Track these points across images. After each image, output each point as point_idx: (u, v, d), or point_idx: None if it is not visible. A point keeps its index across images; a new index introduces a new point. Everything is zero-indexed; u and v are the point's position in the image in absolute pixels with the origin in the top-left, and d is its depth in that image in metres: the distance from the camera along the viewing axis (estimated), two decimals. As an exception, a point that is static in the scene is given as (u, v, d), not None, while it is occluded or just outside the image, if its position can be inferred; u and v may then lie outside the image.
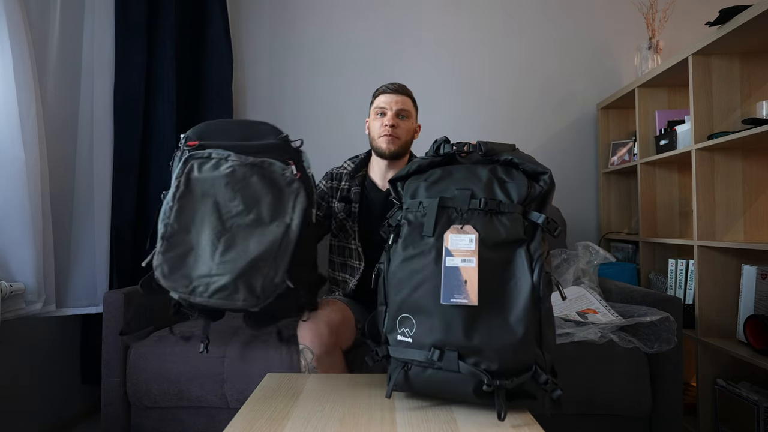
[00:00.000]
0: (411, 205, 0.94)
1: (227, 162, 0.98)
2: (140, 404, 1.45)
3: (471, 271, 0.84)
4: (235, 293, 0.94)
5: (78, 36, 1.73)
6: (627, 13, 2.41)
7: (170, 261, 0.96)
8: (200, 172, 0.98)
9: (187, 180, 0.98)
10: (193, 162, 0.99)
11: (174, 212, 0.97)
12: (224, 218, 0.97)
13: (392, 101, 1.50)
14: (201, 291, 0.95)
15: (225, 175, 0.97)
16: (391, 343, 0.92)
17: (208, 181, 0.97)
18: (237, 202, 0.97)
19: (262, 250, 0.95)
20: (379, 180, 1.56)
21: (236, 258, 0.94)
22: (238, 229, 0.97)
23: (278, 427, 0.80)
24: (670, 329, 1.33)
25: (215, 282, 0.94)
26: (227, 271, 0.94)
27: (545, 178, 0.91)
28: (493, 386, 0.80)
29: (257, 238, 0.96)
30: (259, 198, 0.97)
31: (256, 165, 0.98)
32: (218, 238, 0.96)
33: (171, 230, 0.97)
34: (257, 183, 0.98)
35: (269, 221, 0.98)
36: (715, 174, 1.67)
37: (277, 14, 2.48)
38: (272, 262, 0.96)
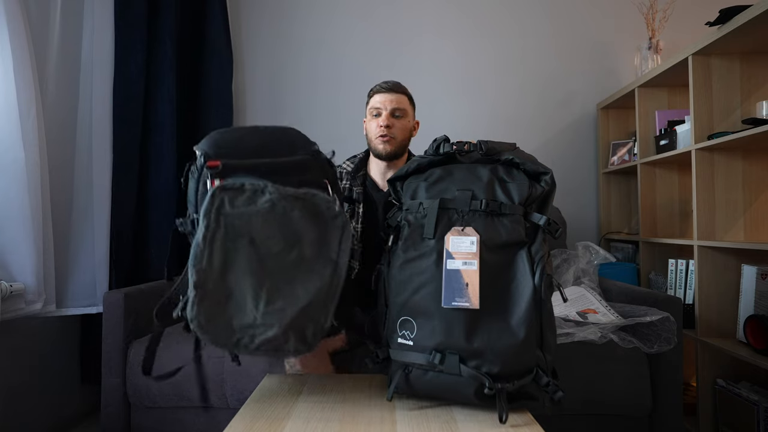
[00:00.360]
0: (411, 206, 0.94)
1: (264, 195, 0.84)
2: (140, 404, 1.45)
3: (472, 274, 0.84)
4: (285, 344, 0.84)
5: (78, 35, 1.73)
6: (627, 13, 2.41)
7: (207, 311, 0.83)
8: (233, 207, 0.84)
9: (217, 217, 0.83)
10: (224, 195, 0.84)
11: (206, 256, 0.83)
12: (263, 258, 0.84)
13: (387, 100, 1.47)
14: (246, 343, 0.84)
15: (263, 210, 0.84)
16: (391, 346, 0.91)
17: (243, 217, 0.84)
18: (277, 240, 0.85)
19: (311, 297, 0.84)
20: (379, 179, 1.54)
21: (284, 307, 0.84)
22: (280, 271, 0.85)
23: (278, 427, 0.80)
24: (670, 329, 1.33)
25: (261, 333, 0.83)
26: (275, 321, 0.83)
27: (546, 178, 0.90)
28: (494, 389, 0.80)
29: (303, 281, 0.85)
30: (301, 234, 0.85)
31: (299, 198, 0.85)
32: (260, 283, 0.84)
33: (205, 277, 0.83)
34: (300, 218, 0.85)
35: (313, 260, 0.86)
36: (715, 174, 1.67)
37: (277, 14, 2.48)
38: (323, 308, 0.86)
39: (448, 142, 0.98)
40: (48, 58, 1.62)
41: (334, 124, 2.45)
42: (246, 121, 2.46)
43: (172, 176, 2.00)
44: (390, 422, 0.82)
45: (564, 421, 1.37)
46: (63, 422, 1.78)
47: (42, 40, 1.60)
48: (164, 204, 1.98)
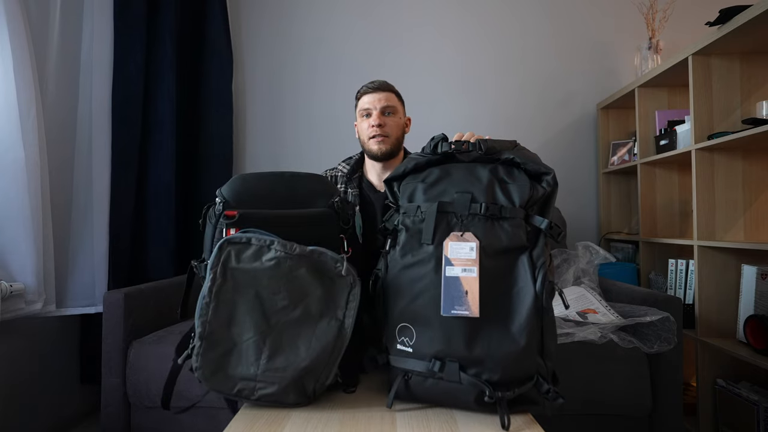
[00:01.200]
0: (408, 209, 0.91)
1: (270, 251, 0.84)
2: (140, 404, 1.45)
3: (472, 281, 0.82)
4: (285, 398, 0.86)
5: (77, 35, 1.73)
6: (627, 13, 2.41)
7: (212, 362, 0.86)
8: (239, 261, 0.85)
9: (224, 271, 0.85)
10: (230, 249, 0.85)
11: (212, 309, 0.85)
12: (268, 313, 0.85)
13: (375, 100, 1.45)
14: (247, 394, 0.86)
15: (268, 268, 0.84)
16: (391, 352, 0.90)
17: (249, 272, 0.85)
18: (282, 297, 0.85)
19: (314, 357, 0.85)
20: (376, 181, 1.52)
21: (285, 366, 0.85)
22: (283, 327, 0.85)
23: (278, 427, 0.80)
24: (670, 329, 1.33)
25: (262, 389, 0.86)
26: (275, 380, 0.85)
27: (548, 179, 0.86)
28: (494, 398, 0.79)
29: (306, 339, 0.85)
30: (307, 292, 0.85)
31: (305, 256, 0.84)
32: (263, 338, 0.85)
33: (210, 328, 0.85)
34: (305, 276, 0.85)
35: (319, 317, 0.86)
36: (715, 174, 1.67)
37: (276, 13, 2.48)
38: (325, 366, 0.86)
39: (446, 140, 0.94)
40: (48, 58, 1.62)
41: (334, 124, 2.45)
42: (246, 120, 2.46)
43: (171, 176, 2.00)
44: (390, 422, 0.82)
45: (564, 421, 1.37)
46: (63, 422, 1.78)
47: (42, 40, 1.60)
48: (164, 204, 1.98)
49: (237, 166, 2.44)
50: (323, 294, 0.86)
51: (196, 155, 2.26)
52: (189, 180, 2.23)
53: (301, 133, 2.45)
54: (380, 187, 1.51)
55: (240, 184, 0.95)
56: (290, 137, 2.45)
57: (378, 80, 1.50)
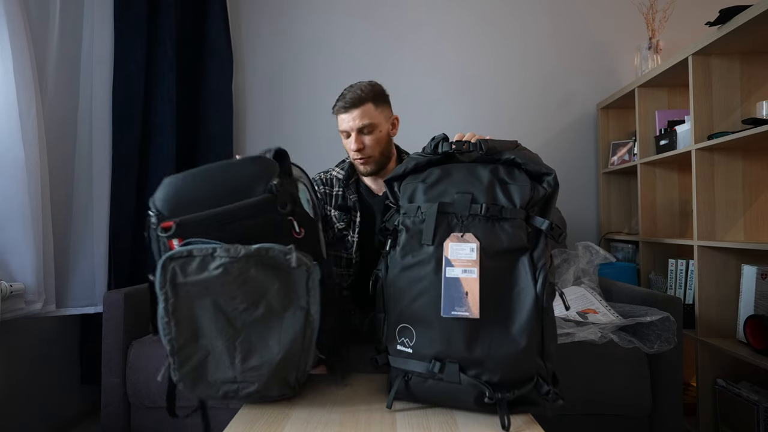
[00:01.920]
0: (409, 209, 0.90)
1: (214, 260, 0.80)
2: (140, 404, 1.45)
3: (472, 282, 0.81)
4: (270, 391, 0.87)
5: (77, 35, 1.73)
6: (627, 13, 2.41)
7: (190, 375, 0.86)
8: (185, 276, 0.81)
9: (173, 288, 0.82)
10: (174, 265, 0.81)
11: (173, 327, 0.84)
12: (231, 318, 0.84)
13: (350, 119, 1.36)
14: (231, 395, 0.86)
15: (216, 276, 0.81)
16: (391, 353, 0.90)
17: (199, 284, 0.82)
18: (240, 300, 0.83)
19: (286, 350, 0.84)
20: (372, 184, 1.49)
21: (260, 364, 0.84)
22: (250, 328, 0.84)
23: (278, 428, 0.80)
24: (670, 329, 1.33)
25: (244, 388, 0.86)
26: (254, 379, 0.85)
27: (549, 179, 0.86)
28: (494, 399, 0.79)
29: (276, 334, 0.84)
30: (264, 290, 0.83)
31: (252, 256, 0.81)
32: (232, 342, 0.84)
33: (177, 345, 0.85)
34: (258, 275, 0.82)
35: (283, 310, 0.84)
36: (715, 174, 1.67)
37: (276, 13, 2.48)
38: (300, 355, 0.86)
39: (447, 140, 0.94)
40: (48, 58, 1.62)
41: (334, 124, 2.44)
42: (246, 121, 2.46)
43: (172, 176, 1.99)
44: (390, 422, 0.82)
45: (564, 421, 1.37)
46: (63, 422, 1.78)
47: (42, 40, 1.60)
48: (164, 204, 1.97)
49: (237, 166, 2.43)
50: (281, 287, 0.84)
51: (196, 155, 2.26)
52: (189, 180, 2.23)
53: (302, 133, 2.45)
54: (378, 191, 1.49)
55: (171, 190, 0.89)
56: (290, 137, 2.45)
57: (350, 93, 1.38)
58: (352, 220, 1.45)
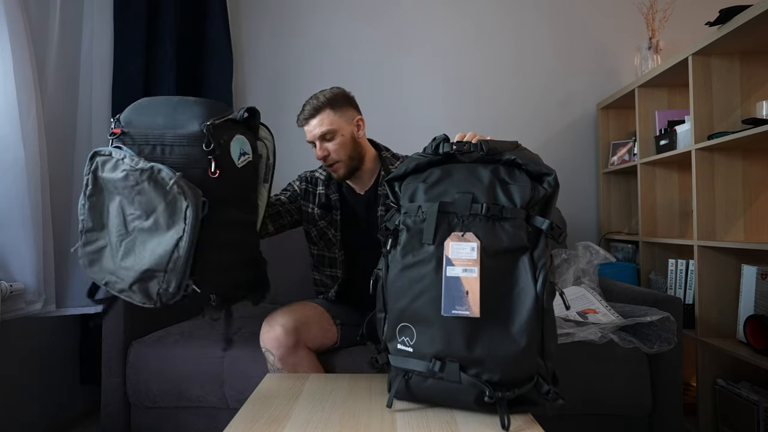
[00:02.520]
0: (409, 209, 0.91)
1: (123, 164, 0.94)
2: (140, 404, 1.45)
3: (473, 282, 0.82)
4: (134, 296, 0.98)
5: (77, 35, 1.73)
6: (627, 13, 2.41)
7: (89, 255, 1.02)
8: (103, 171, 0.96)
9: (94, 178, 0.98)
10: (98, 160, 0.97)
11: (86, 210, 0.99)
12: (127, 220, 0.97)
13: (310, 130, 1.40)
14: (112, 286, 1.01)
15: (120, 178, 0.94)
16: (391, 352, 0.90)
17: (111, 182, 0.96)
18: (135, 207, 0.95)
19: (153, 262, 0.94)
20: (353, 183, 1.49)
21: (131, 266, 0.96)
22: (138, 234, 0.96)
23: (278, 428, 0.80)
24: (670, 329, 1.33)
25: (116, 283, 1.00)
26: (124, 277, 0.97)
27: (549, 180, 0.87)
28: (494, 398, 0.79)
29: (152, 247, 0.95)
30: (154, 205, 0.94)
31: (146, 171, 0.92)
32: (120, 241, 0.98)
33: (86, 226, 1.00)
34: (150, 190, 0.93)
35: (166, 228, 0.95)
36: (715, 174, 1.67)
37: (277, 13, 2.48)
38: (164, 274, 0.95)
39: (448, 141, 0.94)
40: (48, 58, 1.62)
41: (334, 124, 2.44)
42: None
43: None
44: (390, 422, 0.82)
45: (564, 421, 1.37)
46: (63, 422, 1.78)
47: (42, 40, 1.60)
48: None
49: (237, 166, 2.43)
50: (167, 208, 0.94)
51: (196, 155, 2.26)
52: (189, 180, 2.23)
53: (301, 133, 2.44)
54: (359, 190, 1.49)
55: (133, 108, 1.03)
56: (290, 137, 2.45)
57: (308, 104, 1.42)
58: (333, 219, 1.47)
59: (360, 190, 1.49)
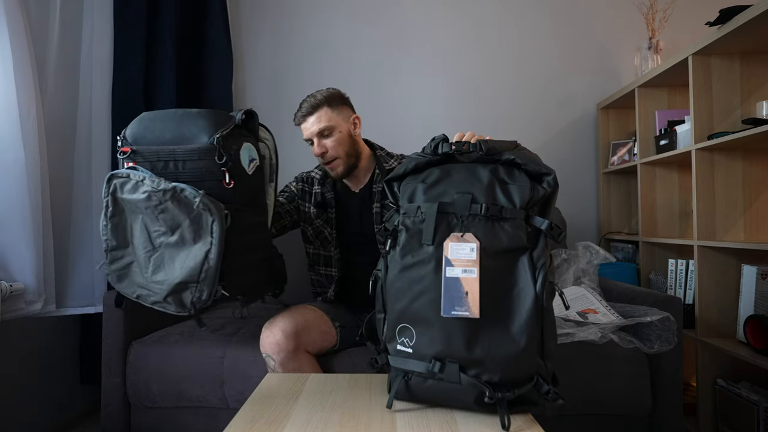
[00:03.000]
0: (408, 209, 0.90)
1: (143, 185, 0.97)
2: (140, 404, 1.45)
3: (472, 282, 0.81)
4: (169, 307, 1.03)
5: (77, 35, 1.73)
6: (627, 13, 2.41)
7: (116, 272, 1.07)
8: (122, 192, 1.00)
9: (114, 200, 1.02)
10: (115, 182, 1.00)
11: (109, 230, 1.04)
12: (152, 237, 1.01)
13: (308, 127, 1.41)
14: (144, 299, 1.05)
15: (142, 199, 0.97)
16: (390, 353, 0.90)
17: (131, 202, 0.99)
18: (160, 224, 0.99)
19: (185, 275, 0.99)
20: (349, 182, 1.50)
21: (163, 280, 1.01)
22: (165, 249, 1.00)
23: (278, 428, 0.80)
24: (670, 329, 1.33)
25: (149, 296, 1.04)
26: (157, 290, 1.02)
27: (549, 179, 0.86)
28: (494, 399, 0.79)
29: (182, 260, 1.00)
30: (179, 222, 0.98)
31: (169, 191, 0.96)
32: (149, 257, 1.02)
33: (111, 245, 1.05)
34: (174, 208, 0.97)
35: (193, 242, 0.99)
36: (715, 174, 1.67)
37: (277, 14, 2.48)
38: (197, 284, 1.00)
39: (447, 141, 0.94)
40: (48, 58, 1.62)
41: (334, 124, 2.44)
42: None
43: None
44: (390, 422, 0.82)
45: (564, 421, 1.37)
46: (63, 422, 1.78)
47: (42, 41, 1.60)
48: (164, 204, 1.98)
49: (237, 166, 2.43)
50: (192, 223, 0.98)
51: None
52: (189, 180, 2.23)
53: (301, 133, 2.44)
54: (354, 188, 1.50)
55: (137, 123, 1.05)
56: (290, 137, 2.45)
57: (306, 102, 1.42)
58: (329, 217, 1.48)
59: (355, 188, 1.50)
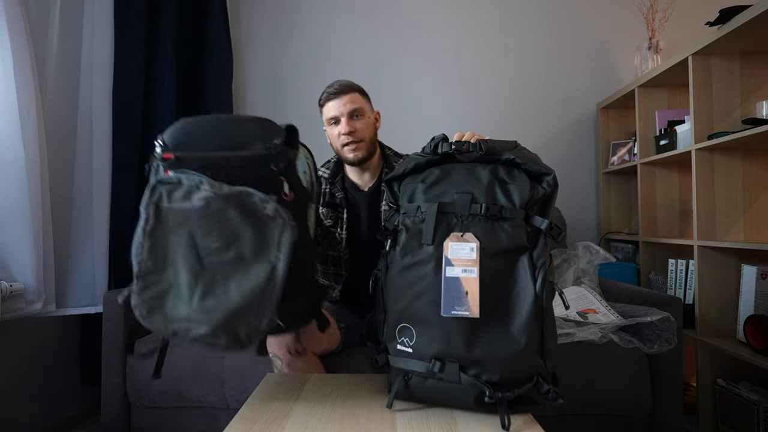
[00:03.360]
0: (408, 209, 0.90)
1: (199, 191, 0.83)
2: (140, 404, 1.45)
3: (472, 282, 0.81)
4: (217, 340, 0.85)
5: (77, 35, 1.73)
6: (627, 13, 2.41)
7: (148, 302, 0.87)
8: (170, 201, 0.84)
9: (156, 211, 0.84)
10: (162, 189, 0.84)
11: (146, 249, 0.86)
12: (201, 254, 0.84)
13: (341, 104, 1.38)
14: (182, 334, 0.85)
15: (198, 207, 0.82)
16: (390, 352, 0.90)
17: (180, 212, 0.84)
18: (214, 237, 0.83)
19: (244, 299, 0.83)
20: (358, 180, 1.49)
21: (215, 307, 0.83)
22: (217, 268, 0.84)
23: (278, 427, 0.80)
24: (670, 329, 1.33)
25: (195, 329, 0.84)
26: (206, 320, 0.83)
27: (548, 179, 0.86)
28: (494, 398, 0.79)
29: (239, 281, 0.83)
30: (238, 233, 0.83)
31: (233, 197, 0.83)
32: (195, 279, 0.84)
33: (145, 268, 0.87)
34: (235, 217, 0.83)
35: (252, 259, 0.84)
36: (715, 174, 1.67)
37: (277, 14, 2.48)
38: (256, 311, 0.84)
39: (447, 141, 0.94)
40: (48, 58, 1.62)
41: (334, 124, 2.44)
42: (246, 121, 2.46)
43: (172, 176, 2.00)
44: (390, 422, 0.82)
45: (564, 421, 1.37)
46: (63, 422, 1.78)
47: (42, 40, 1.60)
48: (164, 204, 1.98)
49: (237, 166, 2.43)
50: (254, 235, 0.83)
51: (196, 155, 2.26)
52: (189, 180, 2.23)
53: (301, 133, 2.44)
54: (363, 186, 1.49)
55: (180, 128, 0.93)
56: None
57: (338, 81, 1.42)
58: (339, 217, 1.47)
59: (364, 187, 1.49)
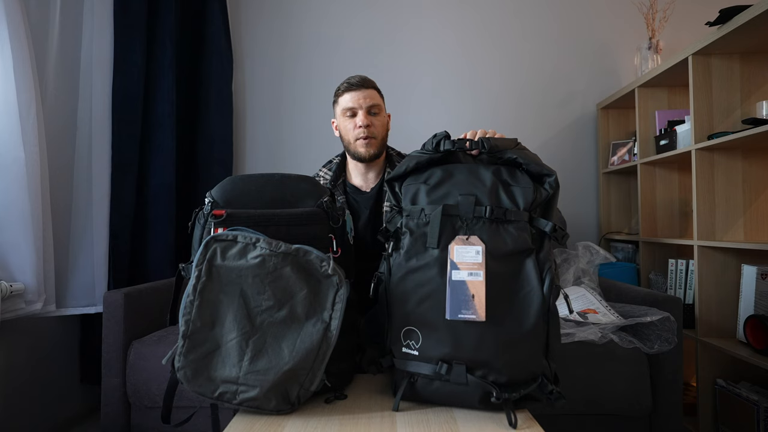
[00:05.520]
0: (412, 211, 0.90)
1: (255, 249, 0.83)
2: (140, 404, 1.45)
3: (478, 285, 0.81)
4: (267, 403, 0.84)
5: (77, 35, 1.73)
6: (627, 13, 2.41)
7: (194, 363, 0.84)
8: (224, 259, 0.84)
9: (209, 268, 0.84)
10: (216, 246, 0.84)
11: (196, 307, 0.84)
12: (252, 314, 0.84)
13: (360, 98, 1.37)
14: (229, 398, 0.84)
15: (253, 266, 0.83)
16: (396, 355, 0.89)
17: (234, 270, 0.83)
18: (267, 296, 0.83)
19: (297, 359, 0.82)
20: (360, 182, 1.48)
21: (267, 369, 0.82)
22: (268, 328, 0.83)
23: (278, 427, 0.80)
24: (670, 329, 1.33)
25: (244, 392, 0.83)
26: (257, 383, 0.82)
27: (550, 181, 0.86)
28: (501, 399, 0.79)
29: (291, 341, 0.83)
30: (293, 292, 0.84)
31: (290, 254, 0.84)
32: (246, 339, 0.83)
33: (193, 328, 0.84)
34: (291, 275, 0.83)
35: (305, 318, 0.84)
36: (715, 174, 1.67)
37: (277, 14, 2.48)
38: (309, 371, 0.84)
39: (449, 138, 0.93)
40: (48, 58, 1.62)
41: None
42: (246, 121, 2.46)
43: (171, 176, 2.00)
44: (390, 422, 0.82)
45: (564, 421, 1.37)
46: (63, 422, 1.78)
47: (42, 40, 1.60)
48: (163, 204, 1.98)
49: (237, 166, 2.44)
50: (309, 294, 0.84)
51: (195, 155, 2.26)
52: (189, 180, 2.23)
53: (301, 133, 2.45)
54: (365, 188, 1.48)
55: (229, 184, 0.95)
56: (290, 137, 2.45)
57: (358, 76, 1.42)
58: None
59: (366, 188, 1.48)
